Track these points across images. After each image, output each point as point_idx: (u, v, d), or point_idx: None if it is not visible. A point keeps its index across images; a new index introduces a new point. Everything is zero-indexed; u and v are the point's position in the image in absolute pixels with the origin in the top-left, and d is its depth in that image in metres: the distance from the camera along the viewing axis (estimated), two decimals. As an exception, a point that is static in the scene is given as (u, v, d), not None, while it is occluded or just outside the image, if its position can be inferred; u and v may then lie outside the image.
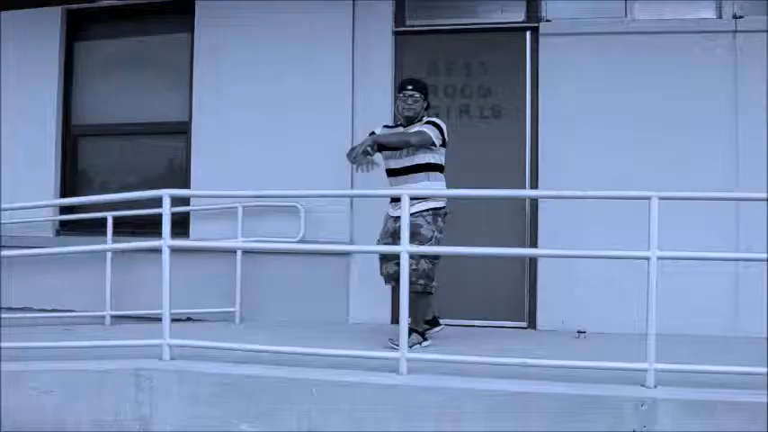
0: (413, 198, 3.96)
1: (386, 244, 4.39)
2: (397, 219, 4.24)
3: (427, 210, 4.31)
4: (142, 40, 6.13)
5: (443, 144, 4.39)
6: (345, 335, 4.78)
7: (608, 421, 3.23)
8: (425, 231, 4.27)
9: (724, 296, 4.99)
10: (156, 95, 6.03)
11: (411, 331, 4.21)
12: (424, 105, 4.50)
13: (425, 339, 4.34)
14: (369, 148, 4.19)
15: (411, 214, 4.04)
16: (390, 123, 4.75)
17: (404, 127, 4.48)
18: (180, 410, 3.59)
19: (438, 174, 4.42)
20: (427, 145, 4.30)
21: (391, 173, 4.47)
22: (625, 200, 3.85)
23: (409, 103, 4.43)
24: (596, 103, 5.22)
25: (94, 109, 6.15)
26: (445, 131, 4.40)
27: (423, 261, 4.21)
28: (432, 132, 4.30)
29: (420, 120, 4.46)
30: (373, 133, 4.47)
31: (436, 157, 4.39)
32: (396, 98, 4.64)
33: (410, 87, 4.44)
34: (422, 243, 4.19)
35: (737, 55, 5.11)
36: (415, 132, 4.31)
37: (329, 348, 3.77)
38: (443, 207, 4.37)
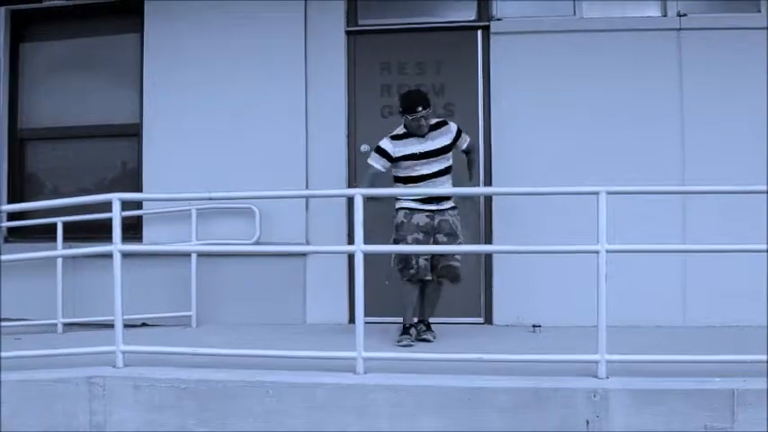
0: (445, 198, 4.53)
1: (417, 240, 4.47)
2: (433, 215, 4.51)
3: (455, 206, 4.64)
4: (90, 40, 6.01)
5: None
6: (303, 336, 4.79)
7: (562, 412, 3.30)
8: (459, 233, 4.59)
9: (672, 287, 5.12)
10: (106, 97, 5.91)
11: (428, 326, 4.64)
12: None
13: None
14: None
15: (446, 210, 4.55)
16: (400, 131, 4.65)
17: (418, 136, 4.56)
18: (135, 417, 3.55)
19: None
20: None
21: (421, 178, 4.54)
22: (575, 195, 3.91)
23: (422, 123, 4.51)
24: (547, 100, 5.29)
25: (42, 112, 6.01)
26: None
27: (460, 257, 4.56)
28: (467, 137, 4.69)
29: (438, 126, 4.62)
30: (379, 150, 4.57)
31: (452, 160, 4.66)
32: (405, 116, 4.54)
33: (420, 109, 4.47)
34: (460, 242, 4.58)
35: (682, 51, 5.24)
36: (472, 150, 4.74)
37: (286, 350, 3.77)
38: None
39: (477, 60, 5.46)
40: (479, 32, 5.47)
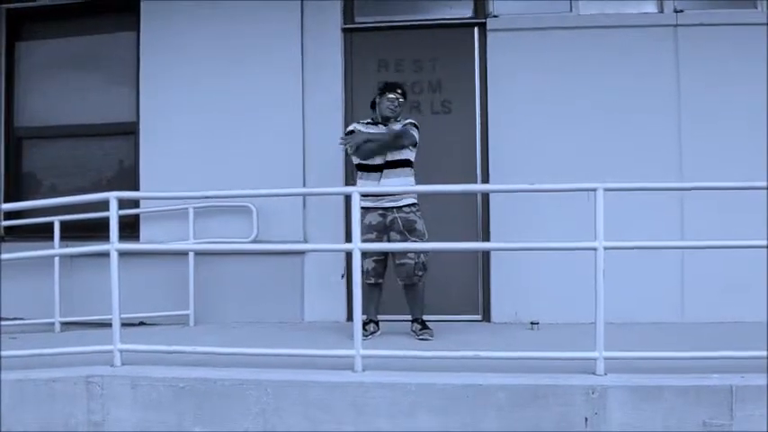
0: (398, 193, 4.42)
1: (369, 240, 4.44)
2: (385, 212, 4.48)
3: (413, 203, 4.58)
4: (87, 39, 6.00)
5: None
6: (301, 334, 4.79)
7: (560, 410, 3.29)
8: (420, 227, 4.55)
9: (670, 284, 5.12)
10: (103, 95, 5.90)
11: (423, 324, 4.58)
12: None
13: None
14: (350, 147, 4.58)
15: (401, 207, 4.50)
16: (367, 120, 4.78)
17: (381, 125, 4.66)
18: (133, 416, 3.53)
19: (412, 170, 4.66)
20: (412, 145, 4.60)
21: (374, 168, 4.57)
22: (573, 192, 3.91)
23: (395, 105, 4.65)
24: (544, 97, 5.29)
25: (38, 110, 6.00)
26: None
27: (422, 255, 4.50)
28: (416, 134, 4.61)
29: (397, 119, 4.68)
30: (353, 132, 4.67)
31: (411, 155, 4.64)
32: (380, 98, 4.70)
33: (399, 92, 4.67)
34: (420, 239, 4.49)
35: (678, 48, 5.24)
36: (402, 134, 4.54)
37: (284, 348, 3.76)
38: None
39: (473, 57, 5.46)
40: (476, 29, 5.47)
